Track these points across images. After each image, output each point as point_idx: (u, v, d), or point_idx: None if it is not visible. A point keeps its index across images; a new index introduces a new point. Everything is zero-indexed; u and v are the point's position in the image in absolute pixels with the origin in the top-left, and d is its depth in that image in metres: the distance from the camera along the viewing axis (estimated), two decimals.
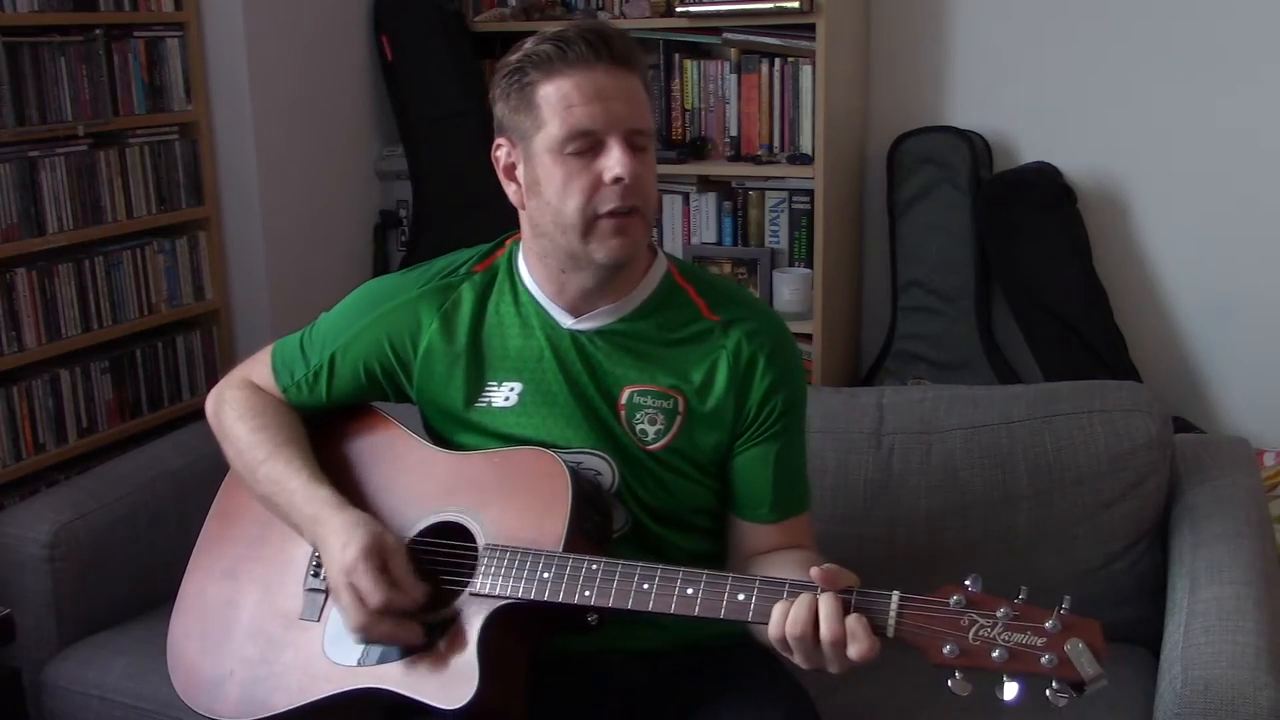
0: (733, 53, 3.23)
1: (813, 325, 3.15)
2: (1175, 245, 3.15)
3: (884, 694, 1.85)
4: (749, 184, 3.30)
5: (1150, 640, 1.88)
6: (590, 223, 1.47)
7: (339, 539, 1.49)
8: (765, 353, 1.55)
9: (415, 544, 1.55)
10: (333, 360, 1.65)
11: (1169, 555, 1.97)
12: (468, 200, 3.11)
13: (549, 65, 1.45)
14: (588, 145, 1.45)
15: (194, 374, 3.06)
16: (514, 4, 3.43)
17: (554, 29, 1.48)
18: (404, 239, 3.49)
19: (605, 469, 1.55)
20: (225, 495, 1.75)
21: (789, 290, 3.20)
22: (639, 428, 1.55)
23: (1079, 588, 1.93)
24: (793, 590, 1.33)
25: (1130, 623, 1.99)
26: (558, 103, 1.44)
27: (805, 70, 3.12)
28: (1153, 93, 3.10)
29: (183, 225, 3.00)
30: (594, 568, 1.41)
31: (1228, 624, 1.64)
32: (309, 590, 1.60)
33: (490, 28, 3.40)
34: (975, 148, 3.16)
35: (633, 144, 1.46)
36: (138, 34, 2.83)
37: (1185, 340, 3.18)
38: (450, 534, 1.54)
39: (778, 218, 3.27)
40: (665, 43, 3.28)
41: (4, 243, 2.58)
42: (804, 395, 1.61)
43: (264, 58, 3.03)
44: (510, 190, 1.55)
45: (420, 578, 1.49)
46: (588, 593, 1.40)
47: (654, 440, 1.55)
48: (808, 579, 1.31)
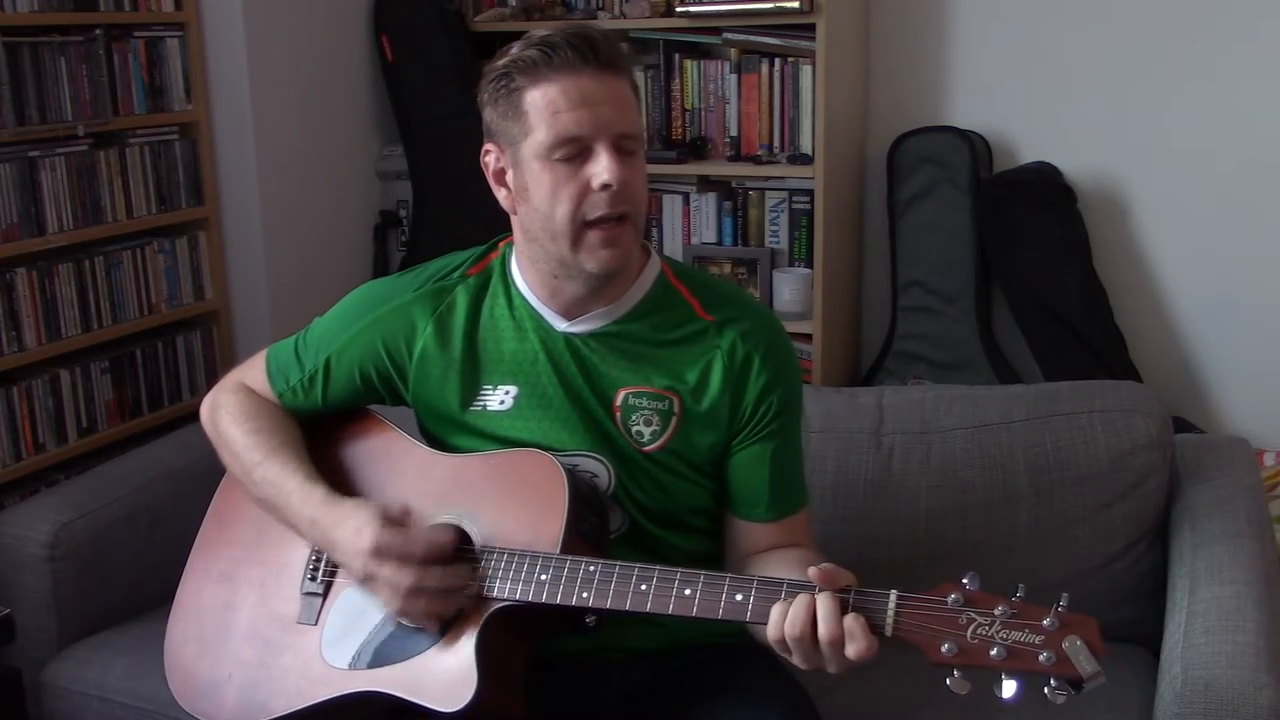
0: (733, 53, 3.23)
1: (813, 325, 3.15)
2: (1175, 245, 3.15)
3: (884, 693, 1.85)
4: (749, 184, 3.30)
5: (1150, 640, 1.88)
6: (580, 231, 1.46)
7: (348, 529, 1.49)
8: (760, 352, 1.55)
9: None
10: (328, 365, 1.65)
11: (1169, 555, 1.97)
12: (468, 200, 3.10)
13: (535, 70, 1.44)
14: (575, 151, 1.44)
15: (194, 374, 3.06)
16: (514, 4, 3.43)
17: (541, 33, 1.47)
18: (404, 239, 3.49)
19: (601, 471, 1.55)
20: (222, 498, 1.74)
21: (789, 290, 3.19)
22: (634, 429, 1.55)
23: (1079, 587, 1.92)
24: (790, 590, 1.32)
25: (1130, 622, 1.99)
26: (545, 109, 1.44)
27: (805, 70, 3.12)
28: (1153, 93, 3.09)
29: (183, 225, 3.00)
30: (591, 569, 1.41)
31: (1228, 624, 1.64)
32: (306, 594, 1.60)
33: (490, 28, 3.40)
34: (975, 148, 3.16)
35: (621, 148, 1.45)
36: (138, 34, 2.83)
37: (1185, 340, 3.18)
38: None
39: (778, 218, 3.27)
40: (665, 43, 3.28)
41: (4, 243, 2.58)
42: (799, 394, 1.61)
43: (264, 58, 3.03)
44: (500, 195, 1.54)
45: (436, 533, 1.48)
46: (585, 594, 1.40)
47: (650, 441, 1.55)
48: (806, 579, 1.31)
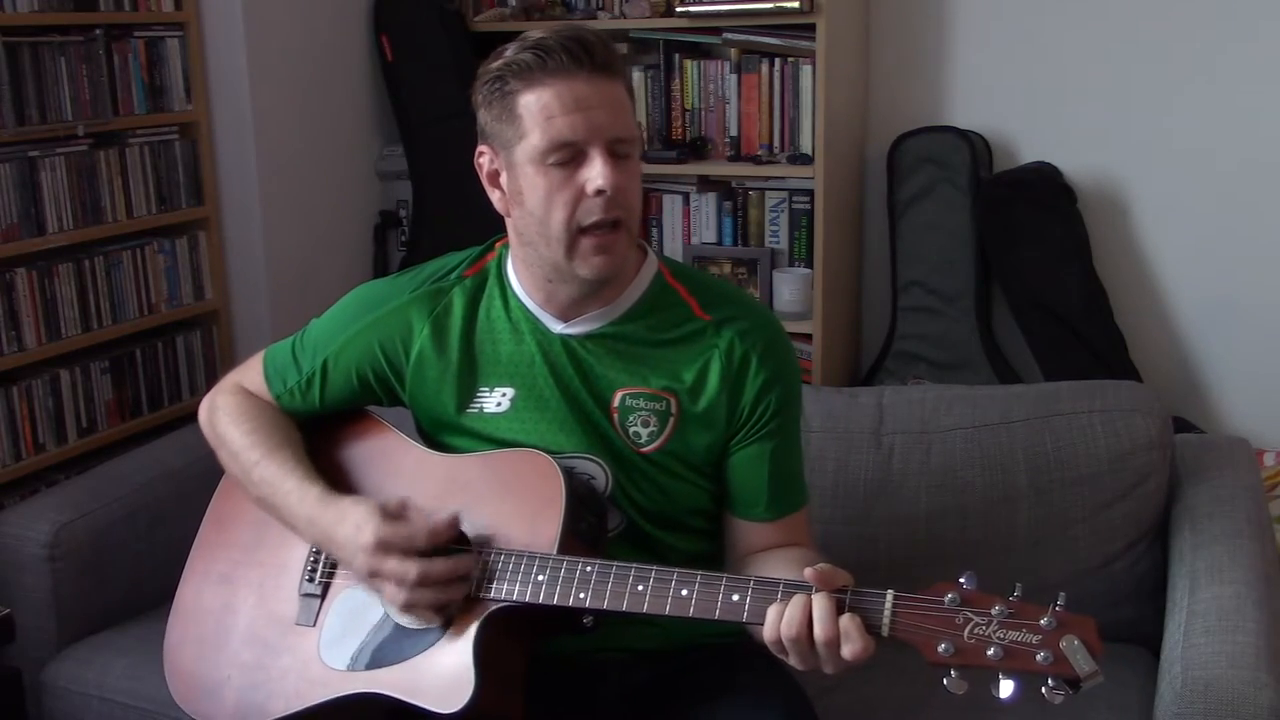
0: (733, 53, 3.23)
1: (813, 325, 3.15)
2: (1175, 245, 3.15)
3: (882, 692, 1.85)
4: (749, 184, 3.30)
5: (1150, 640, 1.88)
6: (574, 238, 1.46)
7: (348, 526, 1.49)
8: (758, 351, 1.55)
9: None
10: (325, 367, 1.65)
11: (1169, 555, 1.96)
12: (467, 200, 3.09)
13: (529, 74, 1.44)
14: (569, 156, 1.44)
15: (194, 374, 3.06)
16: (514, 4, 3.43)
17: (535, 35, 1.46)
18: (404, 239, 3.49)
19: (599, 473, 1.55)
20: (220, 499, 1.74)
21: (789, 290, 3.19)
22: (632, 430, 1.55)
23: (1079, 587, 1.94)
24: (787, 591, 1.32)
25: (1130, 623, 1.99)
26: (538, 113, 1.43)
27: (805, 70, 3.12)
28: (1153, 93, 3.09)
29: (183, 225, 3.00)
30: (588, 570, 1.41)
31: (1228, 624, 1.64)
32: (304, 595, 1.60)
33: (490, 28, 3.40)
34: (975, 148, 3.16)
35: (615, 152, 1.45)
36: (138, 34, 2.83)
37: (1185, 340, 3.18)
38: None
39: (778, 218, 3.27)
40: (665, 43, 3.28)
41: (4, 243, 2.58)
42: (798, 392, 1.61)
43: (264, 58, 3.03)
44: (495, 198, 1.54)
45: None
46: (583, 595, 1.40)
47: (647, 442, 1.55)
48: (803, 579, 1.31)
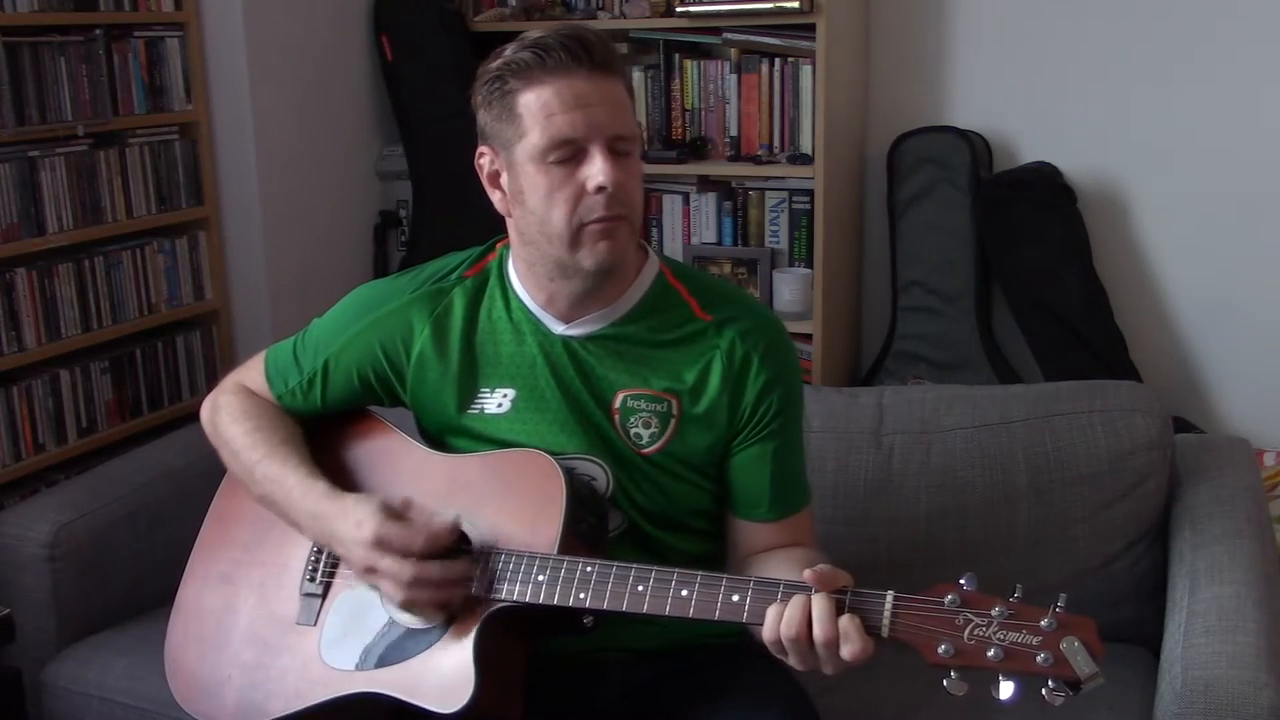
0: (733, 53, 3.23)
1: (813, 325, 3.15)
2: (1175, 245, 3.15)
3: (882, 692, 1.85)
4: (749, 184, 3.30)
5: (1150, 640, 1.88)
6: (576, 233, 1.46)
7: (349, 522, 1.49)
8: (759, 351, 1.55)
9: None
10: (326, 367, 1.65)
11: (1169, 555, 1.96)
12: (468, 200, 3.09)
13: (529, 73, 1.44)
14: (570, 154, 1.44)
15: (194, 374, 3.06)
16: (514, 4, 3.43)
17: (534, 34, 1.47)
18: (404, 239, 3.49)
19: (599, 474, 1.55)
20: (222, 498, 1.74)
21: (789, 290, 3.19)
22: (633, 431, 1.55)
23: (1079, 588, 1.94)
24: (786, 591, 1.32)
25: (1130, 623, 1.99)
26: (538, 111, 1.43)
27: (805, 70, 3.12)
28: (1153, 93, 3.09)
29: (183, 225, 3.00)
30: (589, 570, 1.41)
31: (1228, 624, 1.64)
32: (305, 595, 1.60)
33: (490, 28, 3.40)
34: (975, 148, 3.16)
35: (615, 150, 1.45)
36: (138, 34, 2.83)
37: (1185, 340, 3.18)
38: None
39: (778, 218, 3.27)
40: (665, 43, 3.28)
41: (4, 243, 2.58)
42: (800, 392, 1.61)
43: (264, 58, 3.03)
44: (495, 198, 1.54)
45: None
46: (583, 595, 1.40)
47: (649, 444, 1.55)
48: (803, 580, 1.31)
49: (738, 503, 1.59)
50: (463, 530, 1.51)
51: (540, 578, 1.42)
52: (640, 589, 1.38)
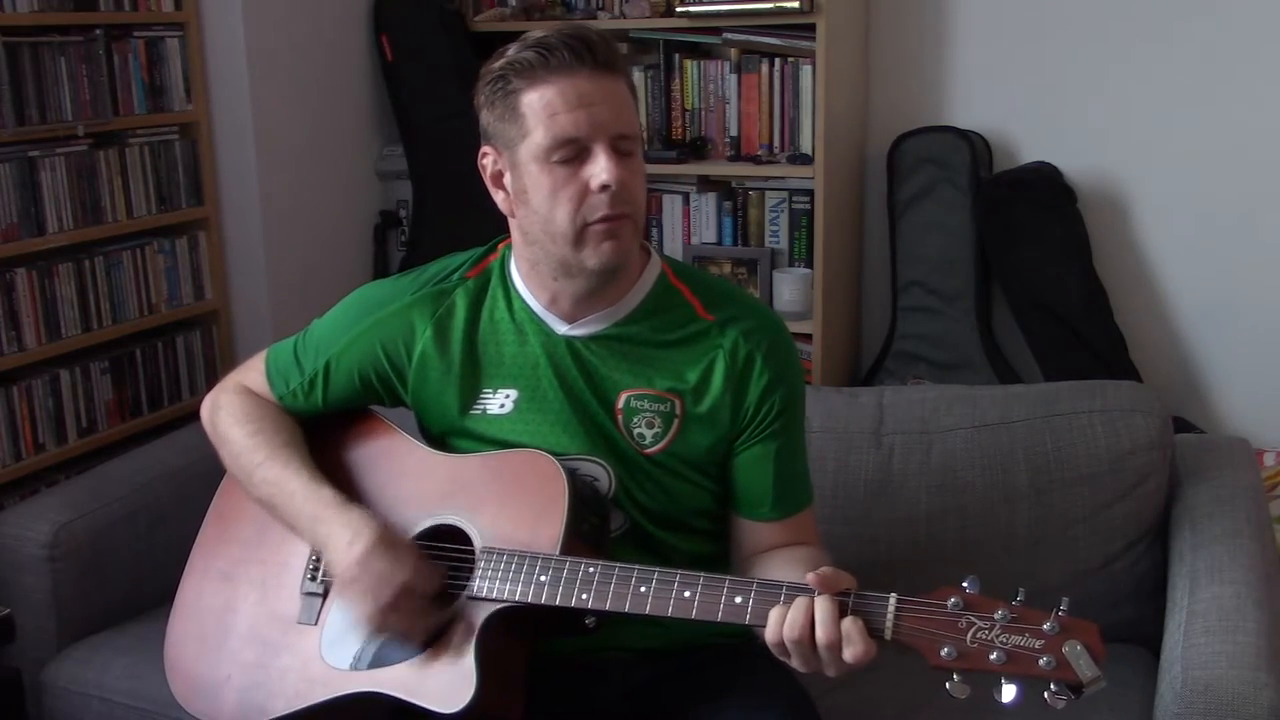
0: (733, 53, 3.23)
1: (813, 325, 3.15)
2: (1175, 245, 3.15)
3: (884, 693, 1.85)
4: (749, 184, 3.30)
5: (1150, 640, 1.88)
6: (580, 232, 1.46)
7: (344, 536, 1.49)
8: (762, 351, 1.55)
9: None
10: (327, 368, 1.65)
11: (1169, 555, 1.96)
12: (468, 200, 3.09)
13: (532, 72, 1.44)
14: (574, 153, 1.44)
15: (194, 374, 3.06)
16: (514, 4, 3.43)
17: (537, 34, 1.47)
18: (404, 239, 3.49)
19: (602, 475, 1.55)
20: (222, 497, 1.74)
21: (789, 290, 3.20)
22: (636, 431, 1.55)
23: (1079, 588, 1.94)
24: (789, 593, 1.32)
25: (1130, 623, 1.99)
26: (542, 110, 1.43)
27: (805, 70, 3.12)
28: (1153, 93, 3.09)
29: (183, 225, 3.00)
30: (591, 570, 1.41)
31: (1228, 624, 1.64)
32: (306, 594, 1.60)
33: (490, 28, 3.40)
34: (975, 148, 3.16)
35: (619, 149, 1.45)
36: (138, 34, 2.82)
37: (1185, 340, 3.18)
38: (447, 537, 1.54)
39: (778, 218, 3.27)
40: (665, 43, 3.28)
41: (4, 243, 2.58)
42: (802, 392, 1.61)
43: (264, 58, 3.03)
44: (498, 198, 1.54)
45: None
46: (585, 595, 1.40)
47: (652, 444, 1.55)
48: (806, 582, 1.31)
49: (741, 502, 1.59)
50: (465, 530, 1.51)
51: (542, 578, 1.42)
52: (643, 590, 1.38)
